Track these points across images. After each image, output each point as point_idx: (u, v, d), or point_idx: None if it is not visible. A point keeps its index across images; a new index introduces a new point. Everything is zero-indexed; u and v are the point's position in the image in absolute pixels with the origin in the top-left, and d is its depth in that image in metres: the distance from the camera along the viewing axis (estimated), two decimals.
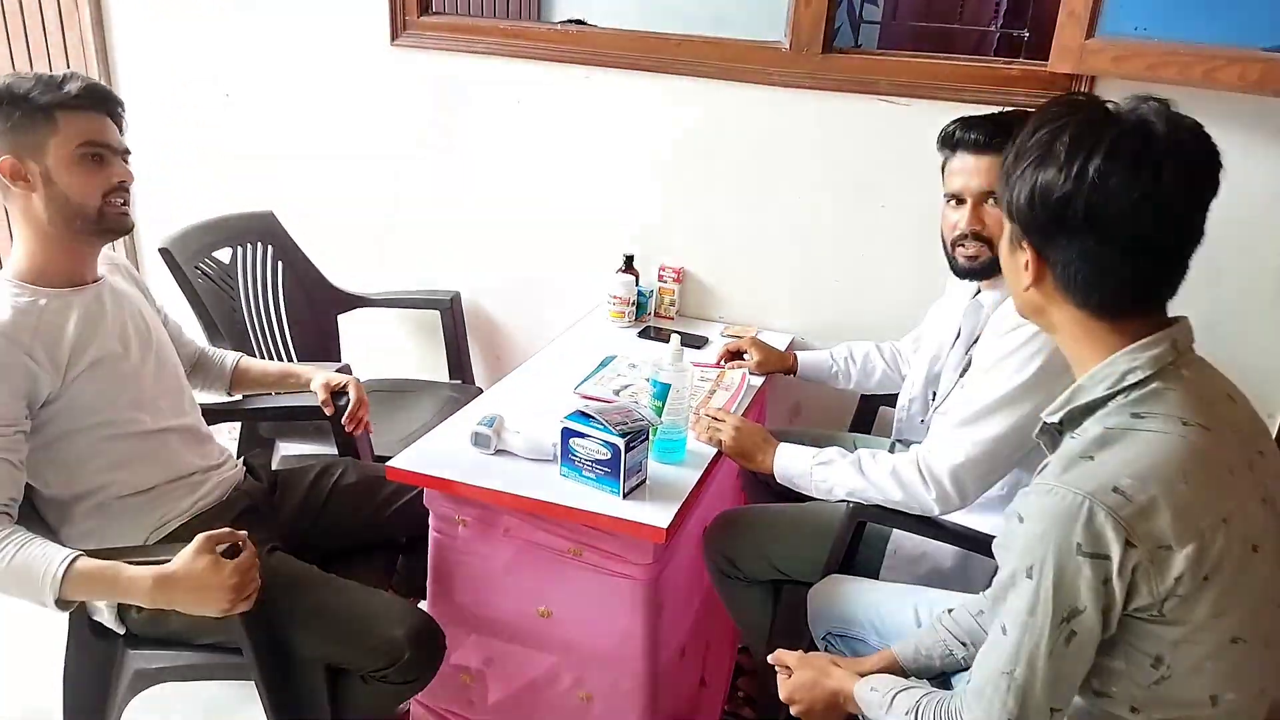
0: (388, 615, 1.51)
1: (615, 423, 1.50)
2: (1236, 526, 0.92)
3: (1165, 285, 0.99)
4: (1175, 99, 1.87)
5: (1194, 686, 0.96)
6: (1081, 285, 0.98)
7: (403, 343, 2.71)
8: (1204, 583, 0.91)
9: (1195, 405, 0.95)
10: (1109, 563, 0.89)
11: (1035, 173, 0.97)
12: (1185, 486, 0.90)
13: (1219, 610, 0.92)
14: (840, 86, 2.10)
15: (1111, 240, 0.94)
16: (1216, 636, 0.94)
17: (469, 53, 2.37)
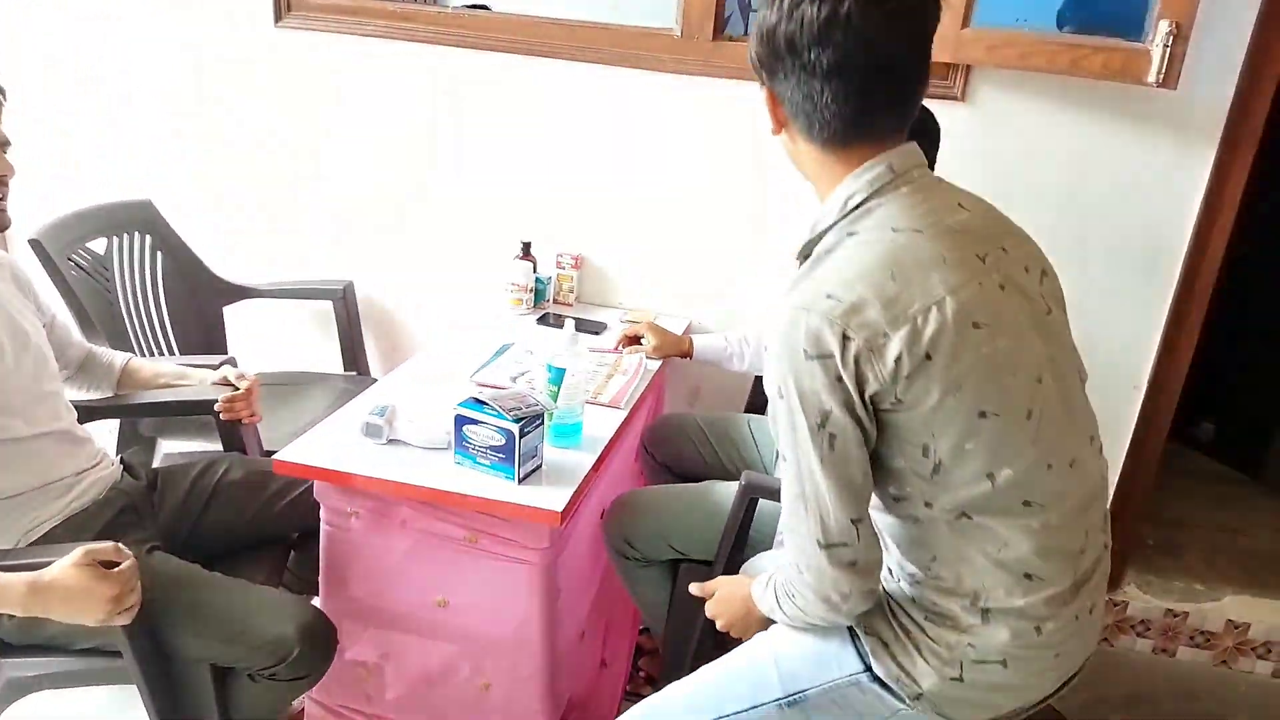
0: (275, 611, 1.48)
1: (509, 409, 1.50)
2: (952, 308, 0.99)
3: (879, 112, 1.04)
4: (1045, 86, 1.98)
5: (966, 468, 1.03)
6: (803, 118, 1.05)
7: (294, 334, 2.63)
8: (926, 360, 0.99)
9: (908, 214, 1.03)
10: (833, 360, 0.98)
11: (760, 13, 1.05)
12: (892, 282, 0.99)
13: (951, 385, 1.00)
14: (731, 73, 2.12)
15: (811, 67, 1.00)
16: (962, 415, 1.01)
17: (358, 34, 2.32)
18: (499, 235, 2.38)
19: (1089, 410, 1.17)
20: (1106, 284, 2.09)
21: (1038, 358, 1.06)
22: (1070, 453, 1.09)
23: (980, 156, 2.06)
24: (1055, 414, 1.07)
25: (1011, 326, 1.04)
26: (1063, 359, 1.11)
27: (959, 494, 1.05)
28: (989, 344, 1.01)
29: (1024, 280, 1.08)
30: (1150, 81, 1.69)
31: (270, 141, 2.48)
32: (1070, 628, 1.11)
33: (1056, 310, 1.13)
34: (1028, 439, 1.04)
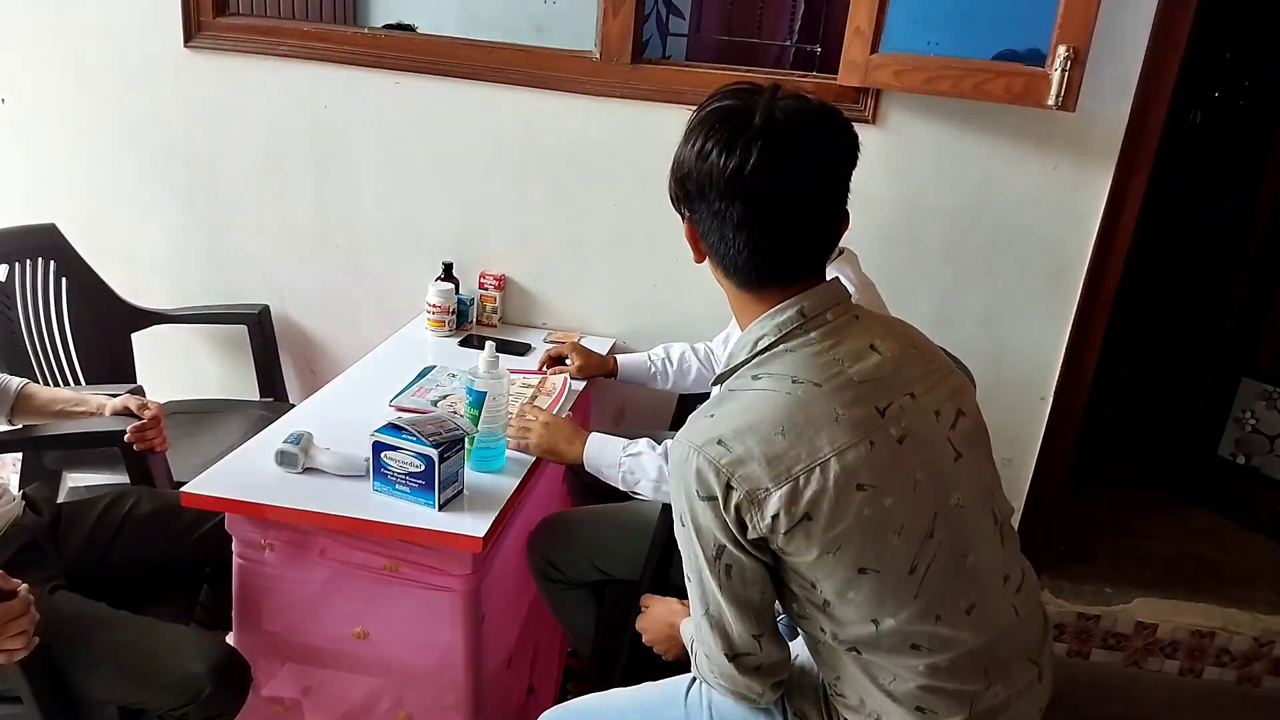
0: (185, 650, 1.43)
1: (428, 434, 1.48)
2: (835, 470, 0.99)
3: (792, 257, 1.04)
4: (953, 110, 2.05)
5: (850, 611, 1.05)
6: (719, 257, 1.07)
7: (207, 361, 2.56)
8: (805, 519, 0.99)
9: (811, 364, 1.03)
10: (717, 502, 1.01)
11: (680, 149, 1.05)
12: (780, 438, 0.99)
13: (832, 547, 1.00)
14: (650, 96, 2.15)
15: (721, 214, 1.02)
16: (841, 570, 1.02)
17: (271, 55, 2.28)
18: (420, 256, 2.35)
19: (1005, 551, 1.14)
20: (1014, 299, 2.16)
21: (929, 512, 1.05)
22: (967, 601, 1.08)
23: (891, 178, 2.12)
24: (945, 566, 1.06)
25: (901, 484, 1.03)
26: (969, 505, 1.09)
27: (848, 630, 1.07)
28: (872, 505, 1.01)
29: (929, 429, 1.07)
30: (1050, 104, 1.76)
31: (180, 164, 2.41)
32: None
33: (969, 453, 1.10)
34: (910, 593, 1.04)
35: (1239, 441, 2.74)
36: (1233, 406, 2.72)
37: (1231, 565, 2.55)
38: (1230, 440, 2.76)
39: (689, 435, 1.03)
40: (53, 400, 1.78)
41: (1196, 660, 2.41)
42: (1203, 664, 2.41)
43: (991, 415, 2.26)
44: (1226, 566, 2.54)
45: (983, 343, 2.18)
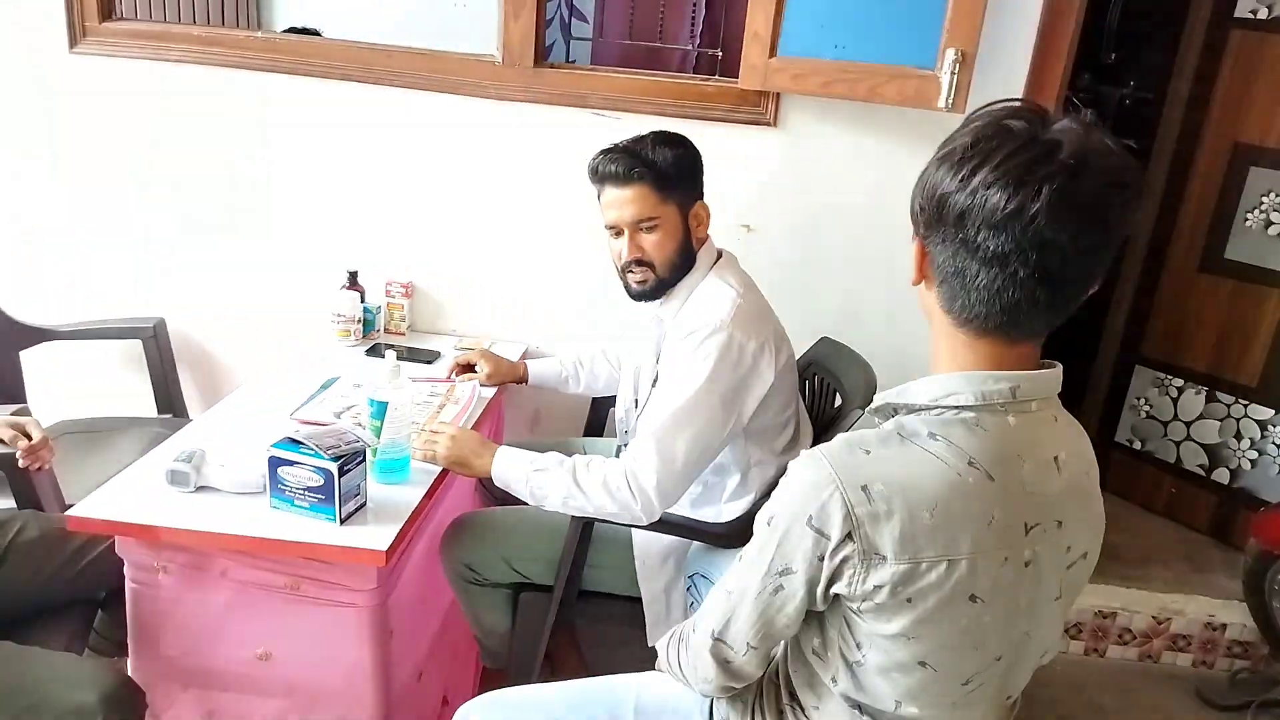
0: (75, 679, 1.38)
1: (327, 447, 1.45)
2: (961, 573, 0.93)
3: (1028, 313, 0.93)
4: (851, 112, 2.09)
5: (881, 685, 1.02)
6: (947, 290, 0.95)
7: (103, 378, 2.46)
8: (906, 604, 0.94)
9: (994, 451, 0.94)
10: (827, 541, 0.94)
11: (935, 169, 0.94)
12: (928, 516, 0.92)
13: (913, 634, 0.96)
14: (554, 100, 2.14)
15: (973, 246, 0.90)
16: (906, 654, 0.98)
17: (162, 60, 2.20)
18: (323, 265, 2.30)
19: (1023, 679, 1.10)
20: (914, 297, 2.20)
21: (1012, 640, 1.01)
22: (980, 715, 1.07)
23: (793, 179, 2.15)
24: (990, 689, 1.03)
25: (1007, 605, 0.98)
26: (1037, 641, 1.04)
27: (863, 696, 1.04)
28: (973, 618, 0.96)
29: (1054, 561, 1.00)
30: (941, 107, 1.81)
31: (68, 173, 2.32)
32: None
33: (1066, 597, 1.05)
34: (950, 700, 1.02)
35: (1134, 427, 2.86)
36: (1127, 394, 2.84)
37: (1131, 547, 2.65)
38: (1127, 426, 2.87)
39: (836, 462, 0.95)
40: None
41: (1100, 640, 2.51)
42: (1106, 643, 2.51)
43: None
44: (1126, 548, 2.64)
45: (888, 339, 2.22)
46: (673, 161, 1.64)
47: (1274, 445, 2.56)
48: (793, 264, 2.21)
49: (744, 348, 1.59)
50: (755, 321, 1.63)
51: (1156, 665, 2.50)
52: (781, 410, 1.71)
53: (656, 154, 1.64)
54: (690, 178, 1.69)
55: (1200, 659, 2.48)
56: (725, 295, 1.64)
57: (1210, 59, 2.55)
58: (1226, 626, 2.44)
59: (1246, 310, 2.57)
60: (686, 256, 1.70)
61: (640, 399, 1.81)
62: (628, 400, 1.89)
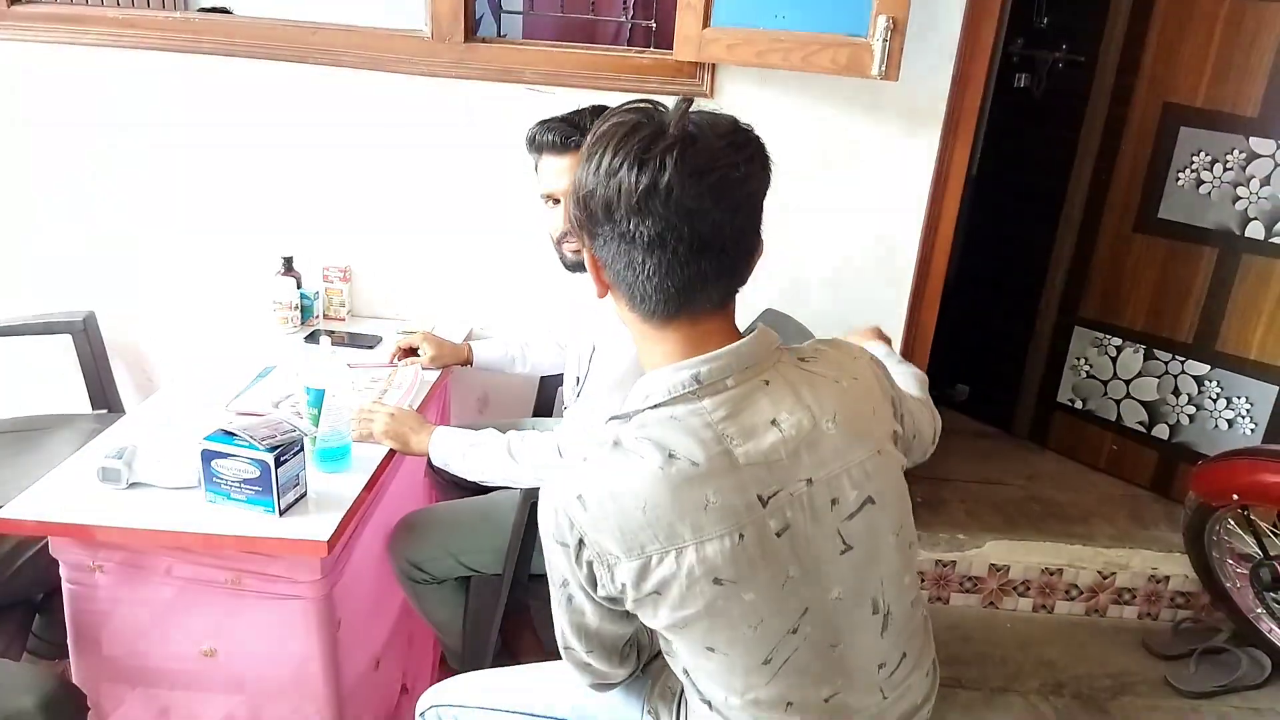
0: (11, 685, 1.34)
1: (262, 438, 1.41)
2: (691, 559, 0.95)
3: (703, 287, 0.96)
4: (788, 82, 2.08)
5: (703, 678, 1.06)
6: (625, 289, 0.99)
7: (33, 375, 2.39)
8: (656, 596, 0.97)
9: (692, 440, 0.95)
10: (570, 550, 0.99)
11: (579, 174, 0.97)
12: (641, 514, 0.94)
13: (681, 624, 0.98)
14: (486, 75, 2.10)
15: (630, 236, 0.94)
16: (689, 644, 1.02)
17: (78, 44, 2.12)
18: (258, 251, 2.25)
19: (885, 639, 1.08)
20: (857, 265, 2.23)
21: (798, 609, 1.00)
22: (828, 690, 1.05)
23: None
24: (807, 658, 1.02)
25: (768, 579, 0.98)
26: (848, 598, 1.03)
27: (705, 685, 1.07)
28: (729, 598, 0.97)
29: (820, 520, 0.99)
30: (874, 75, 1.81)
31: None
32: None
33: (862, 544, 1.02)
34: (761, 680, 1.02)
35: (1075, 387, 2.91)
36: (1067, 355, 2.89)
37: (1075, 504, 2.71)
38: (1068, 386, 2.93)
39: (560, 475, 1.00)
40: None
41: (1047, 596, 2.56)
42: (1053, 599, 2.57)
43: None
44: (1070, 506, 2.70)
45: (832, 306, 2.25)
46: None
47: (1210, 400, 2.62)
48: None
49: None
50: None
51: (1103, 619, 2.56)
52: None
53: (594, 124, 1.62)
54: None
55: (1145, 611, 2.55)
56: None
57: (1139, 21, 2.58)
58: (1169, 578, 2.51)
59: (1180, 268, 2.62)
60: None
61: (582, 375, 1.80)
62: (571, 377, 1.88)
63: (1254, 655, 2.30)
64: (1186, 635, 2.43)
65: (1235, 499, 2.14)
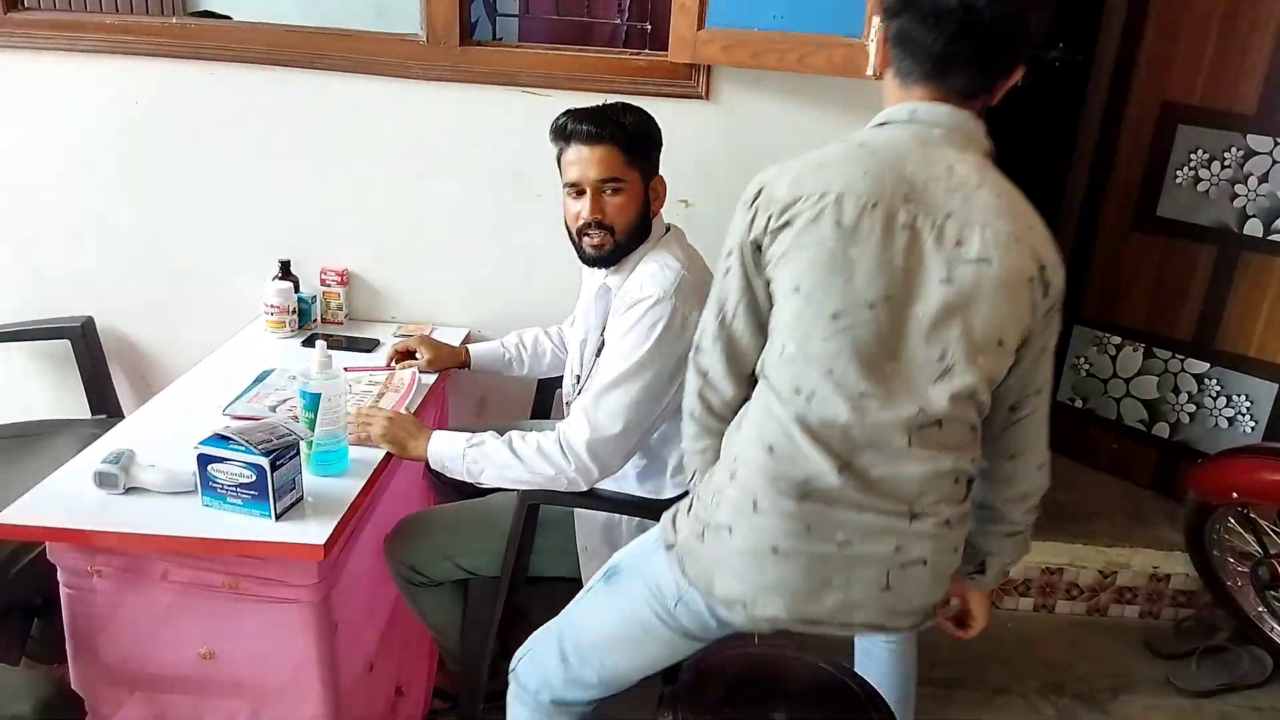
0: (7, 690, 1.35)
1: (258, 442, 1.42)
2: (829, 201, 1.14)
3: (953, 67, 1.16)
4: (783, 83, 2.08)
5: (777, 334, 1.20)
6: (896, 55, 1.21)
7: (32, 381, 2.40)
8: (787, 226, 1.17)
9: (885, 141, 1.19)
10: (746, 205, 1.21)
11: None
12: (814, 166, 1.19)
13: (790, 251, 1.17)
14: (482, 79, 2.11)
15: (924, 15, 1.14)
16: (788, 277, 1.17)
17: (74, 51, 2.13)
18: (255, 255, 2.25)
19: (935, 398, 1.14)
20: None
21: (883, 293, 1.14)
22: (865, 387, 1.14)
23: (730, 151, 2.14)
24: (866, 340, 1.14)
25: (877, 252, 1.14)
26: (928, 326, 1.14)
27: (768, 356, 1.21)
28: (838, 244, 1.14)
29: (939, 243, 1.14)
30: (869, 75, 1.80)
31: None
32: (803, 548, 1.17)
33: (959, 291, 1.13)
34: (821, 333, 1.15)
35: (1075, 386, 2.91)
36: (1067, 354, 2.89)
37: (1076, 503, 2.71)
38: (1068, 385, 2.92)
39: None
40: None
41: (1048, 596, 2.56)
42: (1054, 599, 2.57)
43: None
44: (1071, 505, 2.70)
45: None
46: (641, 129, 1.66)
47: (1210, 398, 2.62)
48: None
49: (687, 318, 1.59)
50: (699, 294, 1.63)
51: (1105, 618, 2.56)
52: None
53: (628, 119, 1.65)
54: (653, 150, 1.71)
55: (1147, 610, 2.55)
56: (670, 267, 1.64)
57: (1136, 19, 2.58)
58: (1170, 577, 2.51)
59: (1179, 266, 2.62)
60: (643, 226, 1.70)
61: (584, 373, 1.80)
62: (572, 376, 1.88)
63: (1256, 654, 2.30)
64: (1188, 634, 2.42)
65: (1235, 497, 2.14)
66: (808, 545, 1.17)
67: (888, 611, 1.21)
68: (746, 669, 1.46)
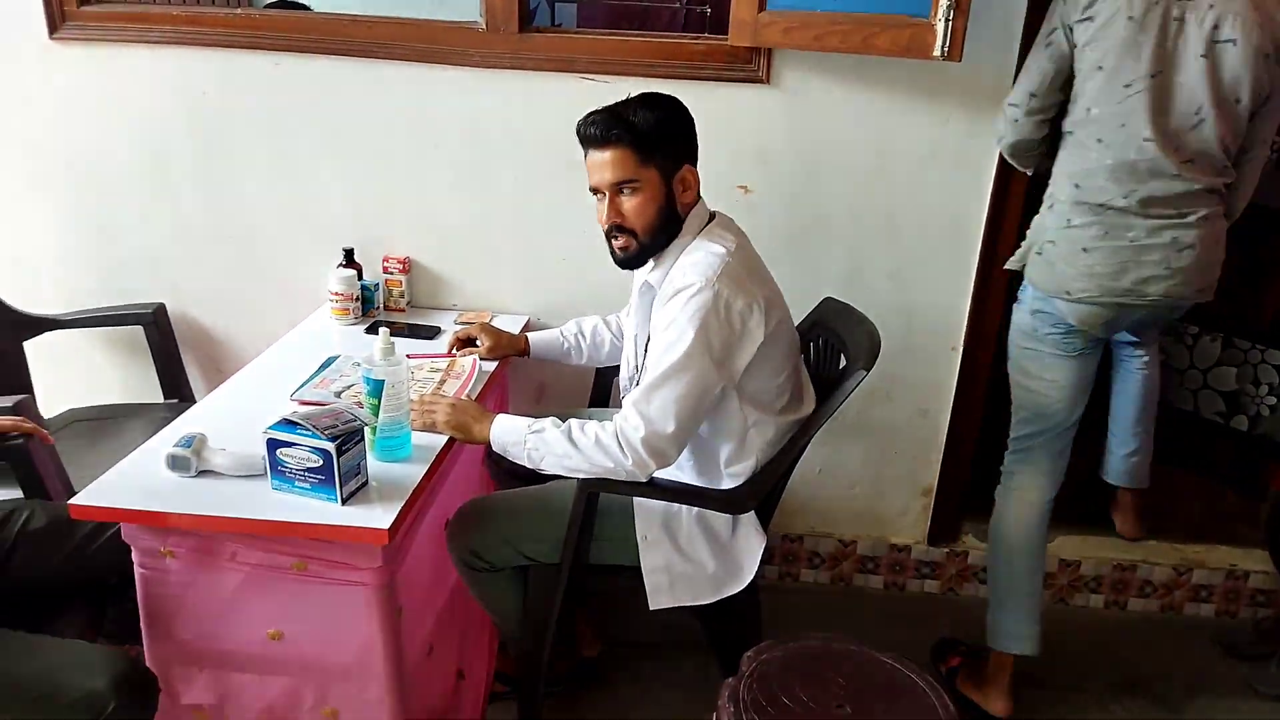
0: (85, 666, 1.37)
1: (324, 427, 1.43)
2: (1123, 3, 1.71)
3: None
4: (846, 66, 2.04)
5: (1078, 103, 1.83)
6: None
7: (107, 365, 2.47)
8: (1089, 20, 1.74)
9: None
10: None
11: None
12: None
13: (1094, 40, 1.75)
14: (541, 65, 2.10)
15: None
16: (1089, 61, 1.76)
17: (144, 43, 2.17)
18: (319, 244, 2.29)
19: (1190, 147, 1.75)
20: (919, 254, 2.18)
21: (1159, 67, 1.70)
22: (1145, 133, 1.73)
23: (790, 137, 2.11)
24: (1149, 104, 1.71)
25: (1157, 37, 1.69)
26: (1186, 91, 1.72)
27: (1070, 117, 1.83)
28: (1130, 30, 1.69)
29: (1198, 26, 1.69)
30: (936, 55, 1.76)
31: (59, 162, 2.30)
32: (1104, 245, 1.80)
33: (1211, 60, 1.69)
34: (1116, 99, 1.73)
35: None
36: None
37: (1149, 498, 2.62)
38: None
39: None
40: None
41: (1120, 593, 2.49)
42: (1126, 596, 2.49)
43: (908, 368, 2.31)
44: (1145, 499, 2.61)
45: (892, 298, 2.20)
46: (654, 124, 1.60)
47: None
48: (793, 224, 2.18)
49: (731, 305, 1.56)
50: (745, 280, 1.60)
51: (1179, 617, 2.48)
52: (777, 373, 1.68)
53: (638, 116, 1.60)
54: (675, 141, 1.64)
55: (1223, 609, 2.46)
56: (714, 253, 1.61)
57: None
58: (1249, 575, 2.42)
59: (1260, 252, 2.51)
60: (670, 221, 1.67)
61: (639, 363, 1.80)
62: (629, 368, 1.87)
63: None
64: (1268, 635, 2.33)
65: None
66: (1107, 243, 1.79)
67: (1174, 284, 1.80)
68: (810, 661, 1.44)
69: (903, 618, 2.43)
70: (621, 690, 2.13)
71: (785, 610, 2.40)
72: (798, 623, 2.35)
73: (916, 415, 2.34)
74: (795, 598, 2.50)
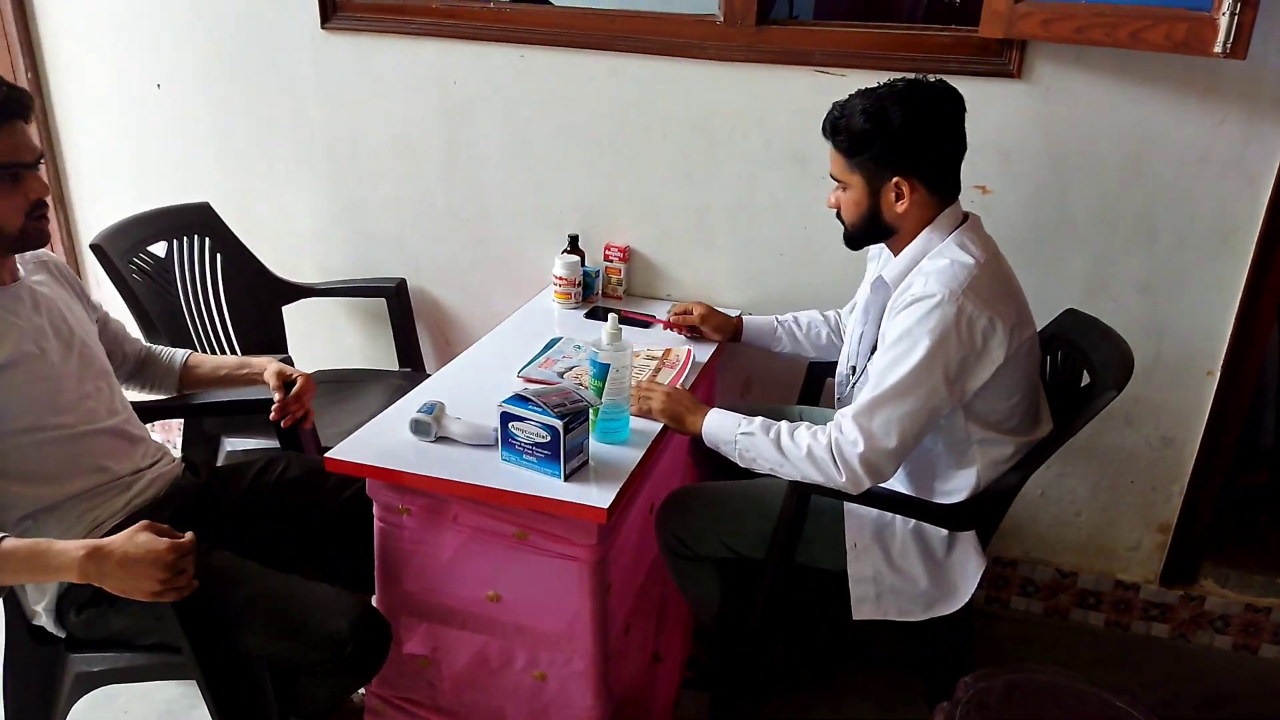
0: (330, 607, 1.49)
1: (553, 405, 1.49)
2: None
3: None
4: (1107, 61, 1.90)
5: None
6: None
7: (350, 332, 2.68)
8: None
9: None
10: None
11: None
12: None
13: None
14: (775, 59, 2.08)
15: None
16: None
17: (402, 34, 2.33)
18: (547, 229, 2.38)
19: None
20: (1176, 264, 1.99)
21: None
22: None
23: (1038, 135, 1.98)
24: None
25: None
26: None
27: None
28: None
29: None
30: (1216, 52, 1.60)
31: (321, 144, 2.51)
32: None
33: None
34: None
35: None
36: None
37: None
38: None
39: None
40: (217, 368, 1.87)
41: (1252, 636, 2.23)
42: (1260, 640, 2.23)
43: (1154, 391, 2.14)
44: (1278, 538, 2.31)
45: (1142, 312, 2.03)
46: (860, 133, 1.53)
47: None
48: (1033, 229, 2.05)
49: (974, 322, 1.47)
50: (993, 295, 1.50)
51: None
52: (1011, 394, 1.57)
53: (852, 120, 1.54)
54: (887, 150, 1.54)
55: None
56: (963, 263, 1.51)
57: None
58: None
59: None
60: (873, 227, 1.62)
61: (859, 366, 1.75)
62: (846, 367, 1.83)
63: None
64: None
65: None
66: None
67: None
68: (1031, 695, 1.36)
69: (1123, 661, 2.25)
70: (813, 696, 2.10)
71: (990, 638, 2.29)
72: (1004, 652, 2.24)
73: (1159, 443, 2.14)
74: (1002, 626, 2.36)
